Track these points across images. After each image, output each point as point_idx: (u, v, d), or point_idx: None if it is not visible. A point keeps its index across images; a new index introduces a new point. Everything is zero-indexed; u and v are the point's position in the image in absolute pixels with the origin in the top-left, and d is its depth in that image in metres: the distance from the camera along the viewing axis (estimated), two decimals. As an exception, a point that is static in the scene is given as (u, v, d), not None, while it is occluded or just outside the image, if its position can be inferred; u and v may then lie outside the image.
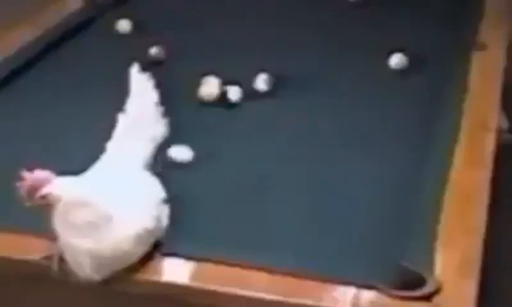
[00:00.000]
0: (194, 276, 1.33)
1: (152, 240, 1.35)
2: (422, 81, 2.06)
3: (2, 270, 1.41)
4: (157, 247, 1.36)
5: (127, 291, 1.33)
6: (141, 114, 1.55)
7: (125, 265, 1.31)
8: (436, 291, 1.26)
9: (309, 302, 1.27)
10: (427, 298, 1.25)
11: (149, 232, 1.33)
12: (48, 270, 1.34)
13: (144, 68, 1.62)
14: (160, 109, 1.58)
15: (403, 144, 1.77)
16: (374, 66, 2.14)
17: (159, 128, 1.55)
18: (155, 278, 1.33)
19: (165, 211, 1.40)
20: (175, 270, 1.35)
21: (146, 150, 1.51)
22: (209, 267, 1.34)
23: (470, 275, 1.31)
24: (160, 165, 1.50)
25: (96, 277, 1.30)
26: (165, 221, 1.39)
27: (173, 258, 1.36)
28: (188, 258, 1.36)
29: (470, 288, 1.28)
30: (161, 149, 1.54)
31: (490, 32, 2.27)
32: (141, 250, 1.32)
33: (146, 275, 1.33)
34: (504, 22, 2.35)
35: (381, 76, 2.10)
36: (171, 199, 1.43)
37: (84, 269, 1.29)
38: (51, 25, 2.33)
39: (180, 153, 1.69)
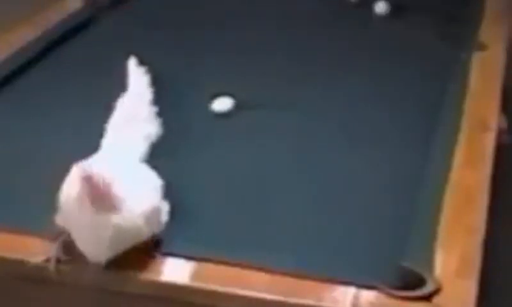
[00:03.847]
0: (194, 276, 1.33)
1: (158, 220, 1.35)
2: (422, 81, 2.06)
3: (2, 270, 1.41)
4: (157, 246, 1.36)
5: (127, 291, 1.34)
6: (136, 112, 1.54)
7: (135, 242, 1.31)
8: (436, 291, 1.26)
9: (309, 302, 1.27)
10: (427, 298, 1.25)
11: (157, 210, 1.34)
12: (46, 272, 1.34)
13: (141, 62, 1.63)
14: (154, 108, 1.57)
15: (403, 144, 1.77)
16: (374, 66, 2.14)
17: (152, 127, 1.55)
18: (155, 278, 1.33)
19: (165, 207, 1.40)
20: (175, 270, 1.35)
21: (141, 146, 1.51)
22: (209, 267, 1.34)
23: (469, 275, 1.31)
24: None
25: (110, 254, 1.30)
26: (165, 217, 1.39)
27: (173, 258, 1.36)
28: (188, 258, 1.36)
29: (469, 288, 1.28)
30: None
31: (490, 32, 2.28)
32: (149, 229, 1.32)
33: (146, 275, 1.33)
34: (504, 22, 2.35)
35: (381, 76, 2.10)
36: (171, 199, 1.44)
37: (100, 245, 1.28)
38: (51, 25, 2.33)
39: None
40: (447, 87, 1.94)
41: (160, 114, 1.62)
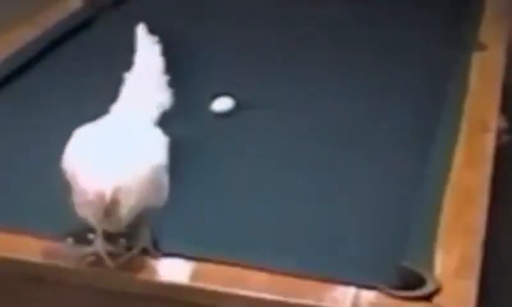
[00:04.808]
0: (194, 276, 1.33)
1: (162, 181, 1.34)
2: (422, 81, 2.06)
3: (2, 270, 1.41)
4: (156, 247, 1.36)
5: (127, 291, 1.34)
6: (148, 80, 1.53)
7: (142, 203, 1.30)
8: (436, 291, 1.26)
9: (309, 302, 1.27)
10: (427, 298, 1.25)
11: (163, 167, 1.34)
12: (49, 269, 1.35)
13: (152, 32, 1.61)
14: (166, 77, 1.56)
15: (403, 144, 1.77)
16: (374, 66, 2.14)
17: (164, 96, 1.53)
18: (155, 278, 1.33)
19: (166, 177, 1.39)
20: (175, 270, 1.35)
21: (153, 112, 1.49)
22: (209, 267, 1.34)
23: (469, 275, 1.31)
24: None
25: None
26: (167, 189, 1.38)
27: (173, 258, 1.36)
28: (188, 258, 1.36)
29: (469, 288, 1.28)
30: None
31: (490, 32, 2.28)
32: (154, 186, 1.32)
33: (146, 275, 1.33)
34: (504, 22, 2.35)
35: (381, 76, 2.10)
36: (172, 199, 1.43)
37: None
38: (51, 25, 2.33)
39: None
40: (447, 87, 1.94)
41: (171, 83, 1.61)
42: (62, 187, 1.34)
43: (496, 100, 1.92)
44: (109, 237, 1.36)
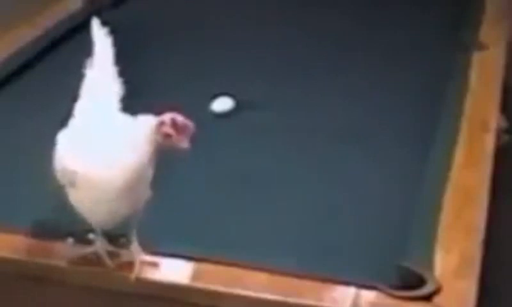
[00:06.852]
0: (194, 276, 1.34)
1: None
2: (422, 81, 2.06)
3: (2, 270, 1.41)
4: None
5: (127, 291, 1.34)
6: (104, 73, 1.55)
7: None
8: (436, 291, 1.26)
9: (309, 302, 1.27)
10: (427, 298, 1.25)
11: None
12: (49, 269, 1.35)
13: (105, 23, 1.63)
14: (116, 68, 1.58)
15: (403, 144, 1.77)
16: (374, 67, 2.14)
17: (118, 86, 1.55)
18: (155, 278, 1.33)
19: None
20: (175, 270, 1.35)
21: (115, 103, 1.50)
22: (209, 267, 1.34)
23: (469, 275, 1.31)
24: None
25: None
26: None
27: (173, 258, 1.36)
28: (188, 258, 1.36)
29: (469, 288, 1.28)
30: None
31: (490, 32, 2.28)
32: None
33: (146, 275, 1.33)
34: (504, 22, 2.35)
35: (382, 76, 2.10)
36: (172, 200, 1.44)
37: None
38: (51, 26, 2.33)
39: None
40: (447, 87, 1.94)
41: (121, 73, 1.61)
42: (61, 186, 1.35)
43: (496, 100, 1.92)
44: (109, 237, 1.36)
